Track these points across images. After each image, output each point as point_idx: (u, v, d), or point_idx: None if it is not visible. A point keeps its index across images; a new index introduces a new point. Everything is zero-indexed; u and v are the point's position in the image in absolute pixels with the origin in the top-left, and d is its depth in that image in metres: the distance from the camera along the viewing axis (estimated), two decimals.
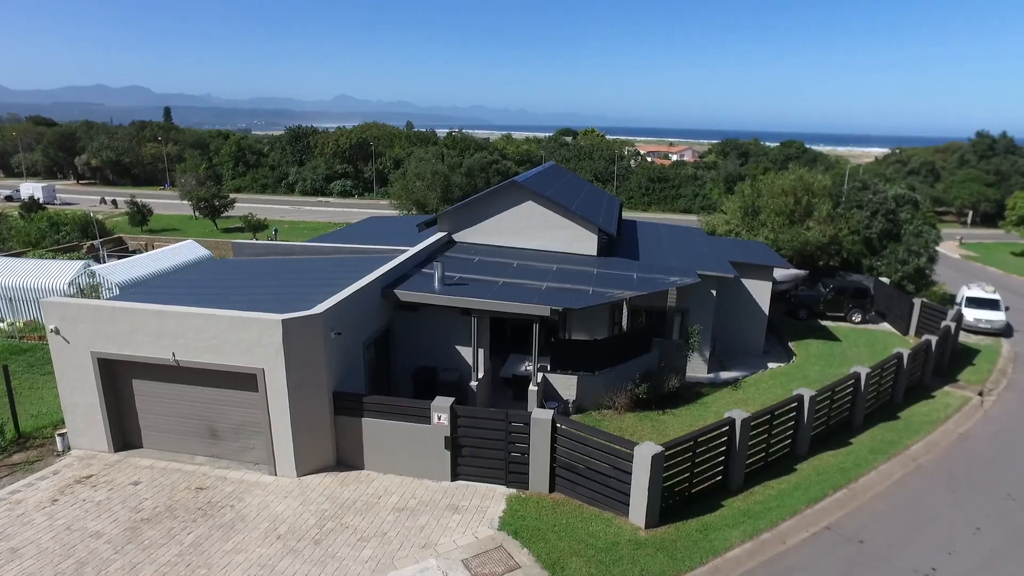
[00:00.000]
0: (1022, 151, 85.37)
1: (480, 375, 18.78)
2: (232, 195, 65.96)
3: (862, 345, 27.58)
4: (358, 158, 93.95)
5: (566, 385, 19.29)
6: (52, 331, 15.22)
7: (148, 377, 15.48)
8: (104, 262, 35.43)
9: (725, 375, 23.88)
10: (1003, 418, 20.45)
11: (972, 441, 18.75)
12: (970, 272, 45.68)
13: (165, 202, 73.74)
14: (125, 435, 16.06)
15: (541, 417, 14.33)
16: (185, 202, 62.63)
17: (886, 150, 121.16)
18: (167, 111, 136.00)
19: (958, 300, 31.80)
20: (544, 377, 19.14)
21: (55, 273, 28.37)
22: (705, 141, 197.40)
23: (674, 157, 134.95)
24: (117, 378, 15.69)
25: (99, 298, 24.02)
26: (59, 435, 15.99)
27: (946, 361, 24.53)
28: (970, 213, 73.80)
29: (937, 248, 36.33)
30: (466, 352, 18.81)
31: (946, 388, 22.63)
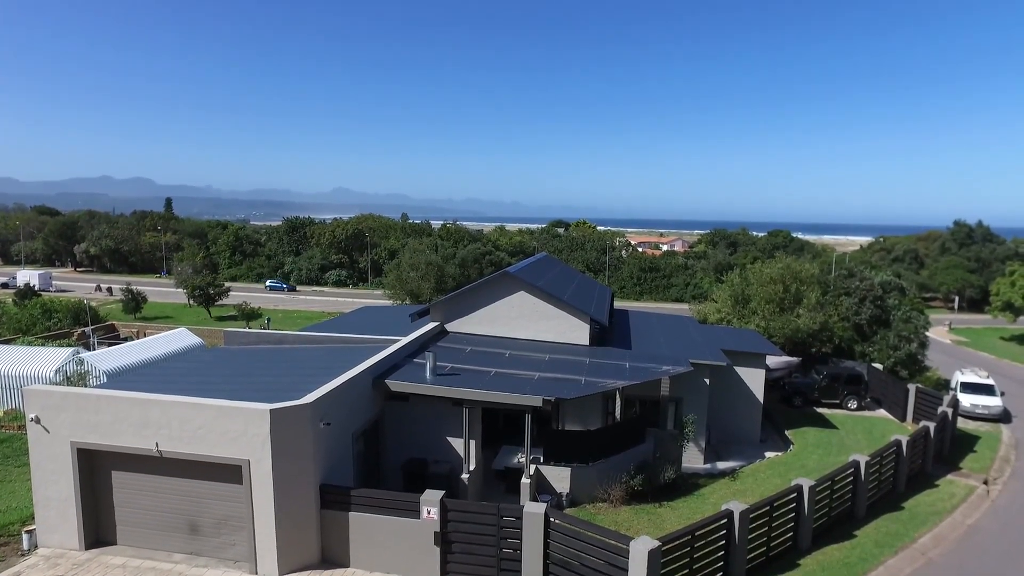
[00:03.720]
0: (999, 239, 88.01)
1: (472, 467, 18.31)
2: (227, 284, 66.48)
3: (860, 432, 27.19)
4: (353, 248, 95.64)
5: (559, 477, 18.77)
6: (32, 420, 14.88)
7: (128, 468, 15.01)
8: (94, 349, 35.13)
9: (722, 465, 23.35)
10: (1012, 508, 19.88)
11: (982, 534, 18.12)
12: (962, 357, 45.78)
13: (160, 290, 74.08)
14: (99, 531, 15.36)
15: (534, 511, 13.87)
16: (180, 290, 62.98)
17: (870, 238, 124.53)
18: (168, 202, 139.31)
19: (952, 385, 31.70)
20: (537, 469, 18.67)
21: (42, 360, 28.05)
22: (695, 231, 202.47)
23: (664, 247, 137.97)
24: (95, 470, 15.20)
25: (86, 386, 23.66)
26: (26, 532, 15.27)
27: (946, 448, 24.15)
28: (956, 299, 74.97)
29: (927, 333, 36.62)
30: (457, 444, 18.44)
31: (949, 476, 22.13)
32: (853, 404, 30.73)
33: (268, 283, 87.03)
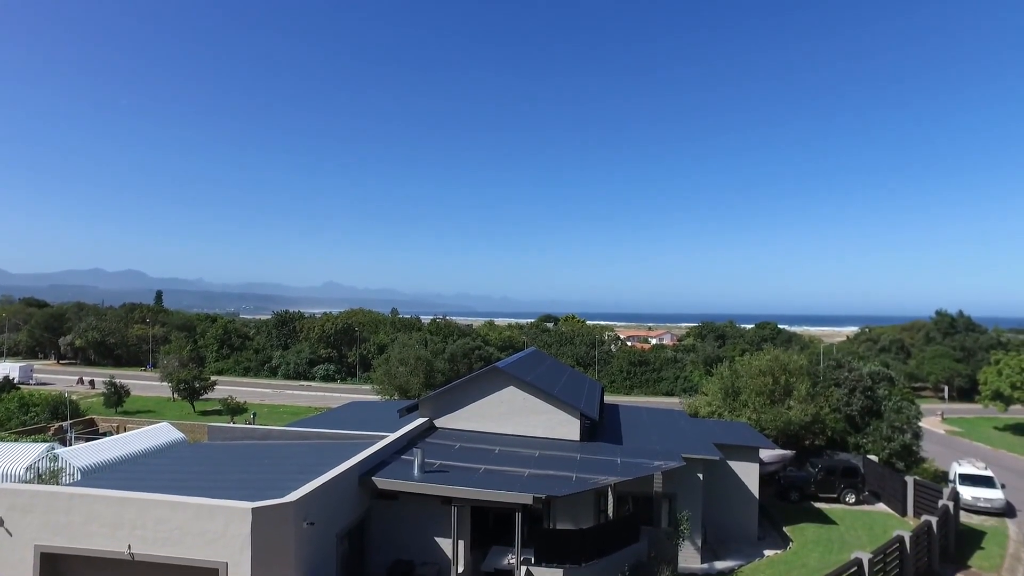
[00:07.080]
0: (980, 328, 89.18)
1: (460, 569, 17.56)
2: (213, 377, 65.47)
3: (860, 528, 26.39)
4: (342, 343, 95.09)
5: None
6: None
7: (95, 575, 14.21)
8: (70, 445, 33.98)
9: (720, 565, 22.46)
10: None
11: None
12: (958, 448, 45.23)
13: (145, 383, 72.66)
14: None
15: None
16: (165, 384, 61.87)
17: (855, 329, 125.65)
18: (159, 294, 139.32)
19: (951, 477, 31.14)
20: (528, 571, 17.85)
21: (14, 457, 27.03)
22: (683, 324, 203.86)
23: (653, 341, 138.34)
24: None
25: (58, 484, 22.76)
26: None
27: (951, 544, 23.37)
28: (946, 388, 74.96)
29: (920, 424, 36.37)
30: (445, 544, 17.74)
31: None
32: (851, 498, 30.02)
33: None
